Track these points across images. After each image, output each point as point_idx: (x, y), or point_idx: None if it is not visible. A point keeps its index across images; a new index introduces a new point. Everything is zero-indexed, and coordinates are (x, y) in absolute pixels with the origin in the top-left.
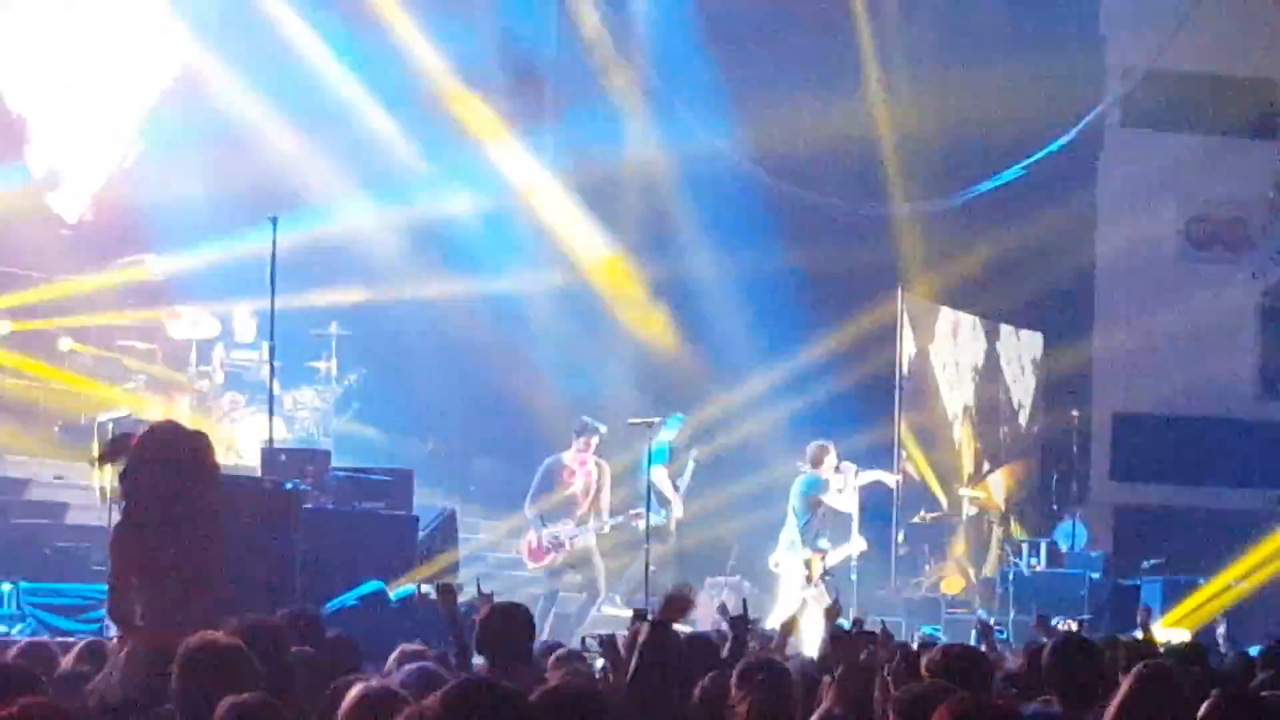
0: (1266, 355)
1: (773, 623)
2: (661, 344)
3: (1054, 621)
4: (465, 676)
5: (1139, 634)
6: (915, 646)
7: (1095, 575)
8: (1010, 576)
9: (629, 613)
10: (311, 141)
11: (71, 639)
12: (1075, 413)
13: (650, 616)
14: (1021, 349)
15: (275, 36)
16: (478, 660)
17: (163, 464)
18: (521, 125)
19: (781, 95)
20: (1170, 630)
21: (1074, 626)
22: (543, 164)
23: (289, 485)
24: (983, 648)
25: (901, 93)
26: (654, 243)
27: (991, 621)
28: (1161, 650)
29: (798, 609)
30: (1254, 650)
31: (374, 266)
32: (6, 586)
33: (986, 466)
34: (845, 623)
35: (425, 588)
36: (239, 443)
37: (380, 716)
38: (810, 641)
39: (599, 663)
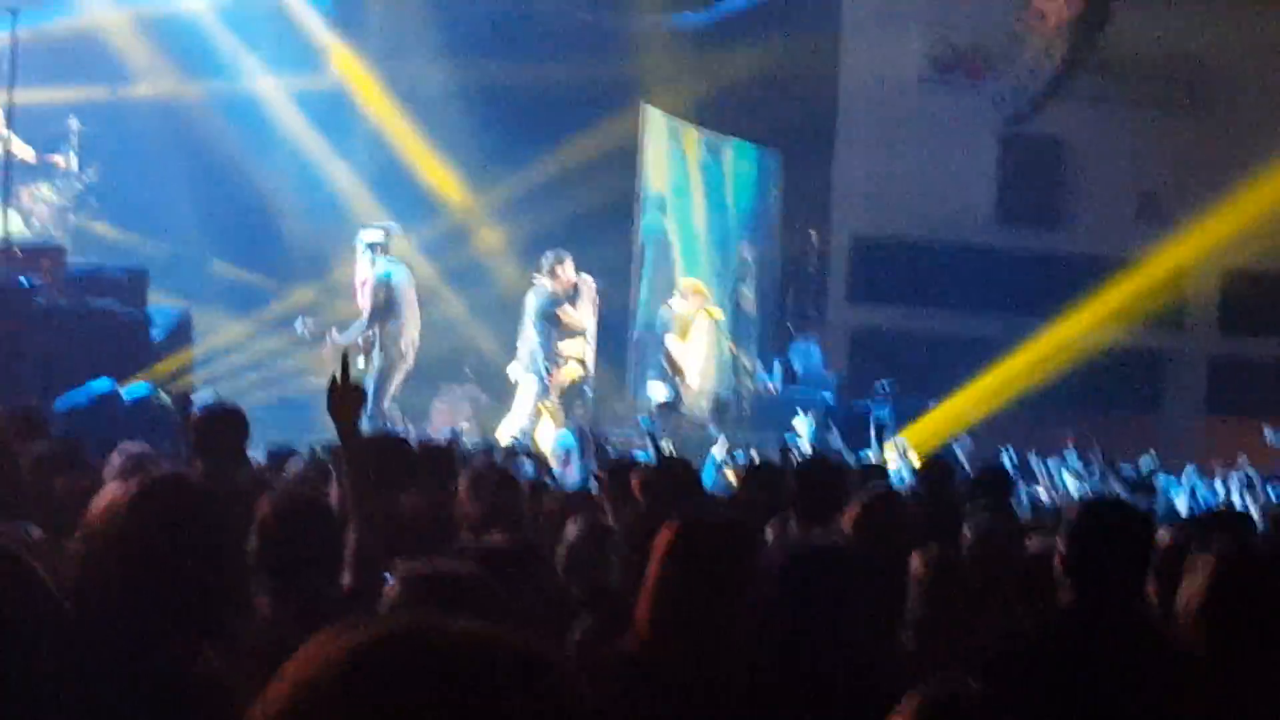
0: (1004, 183)
1: (504, 432)
2: (401, 151)
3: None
4: (164, 471)
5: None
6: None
7: (828, 395)
8: (742, 394)
9: None
10: None
11: None
12: (814, 233)
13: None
14: (749, 167)
15: None
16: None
17: None
18: None
19: None
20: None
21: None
22: None
23: (22, 281)
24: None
25: None
26: (394, 47)
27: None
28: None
29: (535, 420)
30: None
31: (114, 62)
32: None
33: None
34: (571, 434)
35: (164, 396)
36: None
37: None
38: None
39: None
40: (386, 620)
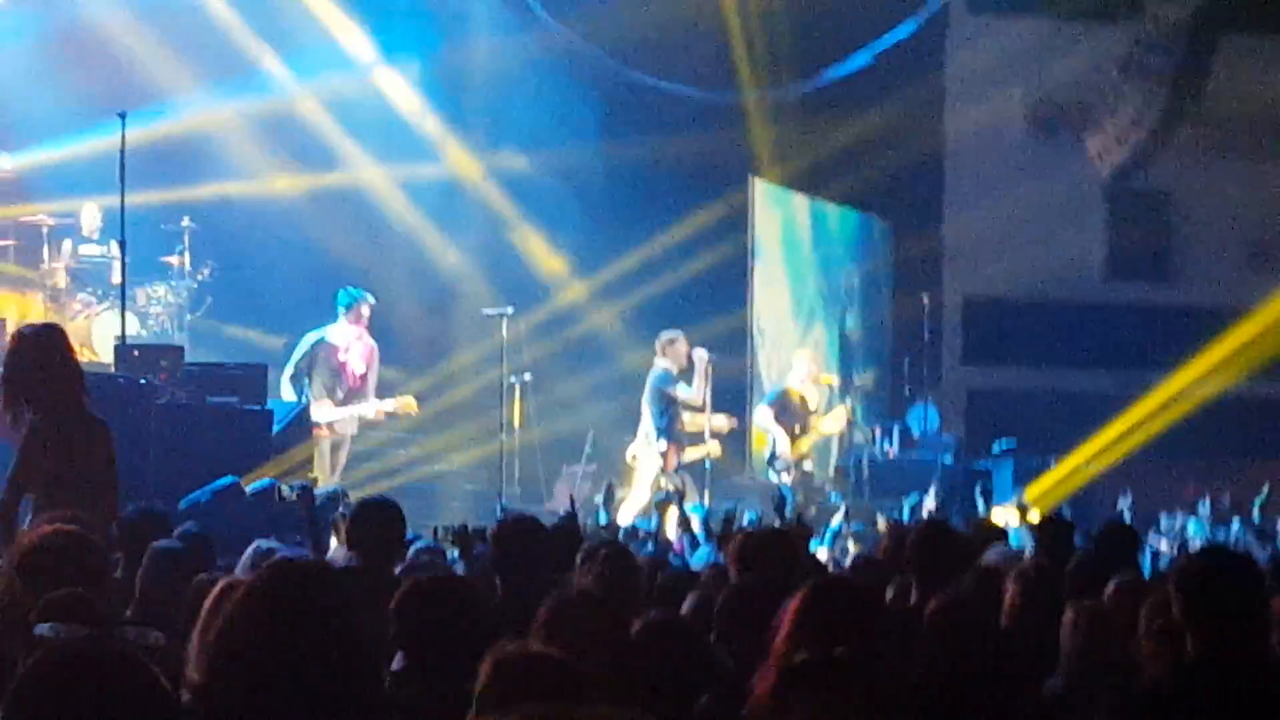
0: (1113, 237)
1: (624, 514)
2: (513, 234)
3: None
4: (285, 557)
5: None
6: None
7: (947, 459)
8: (863, 461)
9: None
10: (159, 35)
11: None
12: (926, 297)
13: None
14: (858, 235)
15: None
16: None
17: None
18: (368, 13)
19: None
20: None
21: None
22: (390, 53)
23: (142, 380)
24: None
25: None
26: (501, 133)
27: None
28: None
29: (652, 499)
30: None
31: (224, 161)
32: None
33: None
34: (702, 508)
35: (285, 489)
36: (93, 340)
37: None
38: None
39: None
40: (520, 710)
